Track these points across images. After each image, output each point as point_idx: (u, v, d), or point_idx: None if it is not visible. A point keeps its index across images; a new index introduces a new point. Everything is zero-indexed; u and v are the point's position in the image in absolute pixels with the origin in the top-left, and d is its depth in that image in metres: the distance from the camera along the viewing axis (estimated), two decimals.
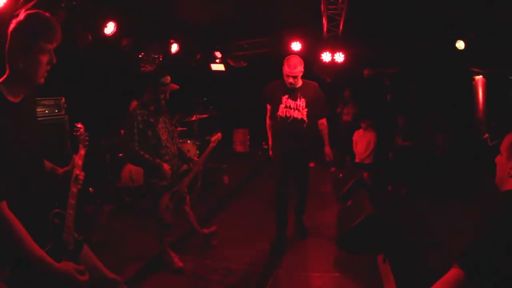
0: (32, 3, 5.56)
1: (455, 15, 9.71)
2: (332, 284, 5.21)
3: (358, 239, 5.74)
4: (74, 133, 3.23)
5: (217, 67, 12.66)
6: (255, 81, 12.62)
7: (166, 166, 5.04)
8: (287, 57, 6.12)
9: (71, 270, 2.42)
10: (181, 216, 5.71)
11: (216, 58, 12.33)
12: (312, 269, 5.59)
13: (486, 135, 11.16)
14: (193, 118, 9.38)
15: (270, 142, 6.69)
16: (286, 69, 6.01)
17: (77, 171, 2.96)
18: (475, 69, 12.68)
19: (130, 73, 9.42)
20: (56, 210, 2.68)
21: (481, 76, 12.91)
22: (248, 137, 13.85)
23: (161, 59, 9.93)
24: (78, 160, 3.05)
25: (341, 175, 9.28)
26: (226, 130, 12.77)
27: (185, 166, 5.48)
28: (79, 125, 3.27)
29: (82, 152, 3.15)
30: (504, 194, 2.36)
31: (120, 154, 7.88)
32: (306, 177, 6.80)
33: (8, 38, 2.47)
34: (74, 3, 6.34)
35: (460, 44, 10.57)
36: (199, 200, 7.88)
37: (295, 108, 6.16)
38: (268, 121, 6.61)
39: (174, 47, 10.35)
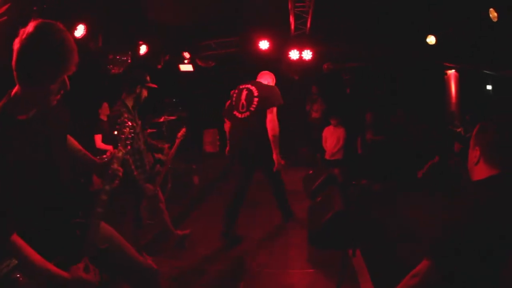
0: (4, 7, 5.49)
1: (425, 10, 9.83)
2: (306, 280, 5.24)
3: (329, 235, 5.77)
4: (116, 132, 2.99)
5: (186, 67, 12.58)
6: (224, 81, 12.66)
7: (148, 185, 5.12)
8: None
9: (81, 277, 2.30)
10: (156, 216, 5.72)
11: (185, 58, 12.29)
12: (285, 266, 5.61)
13: (460, 128, 11.34)
14: (162, 119, 9.33)
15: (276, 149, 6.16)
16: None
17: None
18: (447, 64, 12.86)
19: (102, 76, 9.35)
20: (78, 220, 2.53)
21: (453, 71, 13.11)
22: (218, 137, 13.77)
23: (129, 61, 9.86)
24: (114, 163, 2.76)
25: (311, 171, 9.34)
26: (196, 130, 12.75)
27: (158, 166, 5.47)
28: (127, 123, 3.03)
29: (120, 154, 2.85)
30: (472, 184, 2.46)
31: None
32: None
33: (15, 54, 2.13)
34: (45, 6, 6.32)
35: (431, 39, 10.72)
36: (170, 201, 7.85)
37: None
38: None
39: (143, 49, 10.32)
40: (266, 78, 6.81)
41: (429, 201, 7.98)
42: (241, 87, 6.60)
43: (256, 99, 6.26)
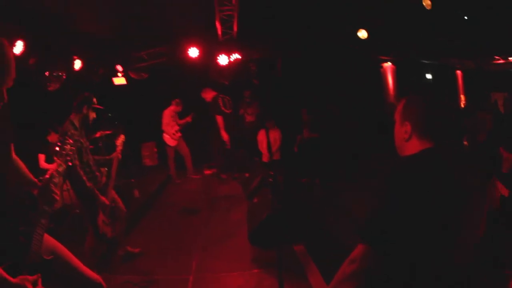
0: None
1: (354, 6, 9.93)
2: (253, 280, 5.35)
3: (269, 234, 5.82)
4: (57, 148, 3.05)
5: (119, 81, 12.31)
6: (158, 93, 12.57)
7: (102, 198, 5.16)
8: None
9: (26, 284, 2.33)
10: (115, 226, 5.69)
11: (118, 72, 12.08)
12: (231, 268, 5.70)
13: None
14: (98, 135, 9.20)
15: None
16: None
17: (52, 189, 2.82)
18: (382, 57, 13.02)
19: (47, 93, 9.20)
20: (22, 228, 2.58)
21: (389, 63, 13.30)
22: (156, 150, 13.70)
23: (64, 76, 9.71)
24: (56, 177, 2.88)
25: (247, 174, 9.43)
26: (134, 144, 12.60)
27: (104, 179, 5.50)
28: (69, 140, 3.10)
29: (60, 169, 2.95)
30: (403, 159, 2.40)
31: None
32: None
33: None
34: None
35: (363, 34, 10.80)
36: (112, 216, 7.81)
37: None
38: None
39: (78, 64, 10.12)
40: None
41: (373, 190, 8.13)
42: (221, 96, 11.24)
43: (231, 102, 11.30)
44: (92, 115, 5.41)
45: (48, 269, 2.62)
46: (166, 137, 11.20)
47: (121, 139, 6.07)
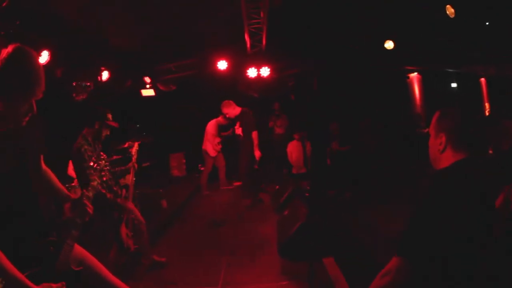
0: None
1: (380, 17, 9.91)
2: None
3: (298, 246, 5.77)
4: (92, 163, 3.13)
5: (147, 92, 12.39)
6: (187, 104, 12.62)
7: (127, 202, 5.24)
8: None
9: None
10: (137, 237, 5.68)
11: (146, 83, 12.16)
12: (259, 280, 5.60)
13: (427, 129, 11.38)
14: (126, 145, 9.26)
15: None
16: None
17: (85, 202, 2.92)
18: (408, 67, 12.95)
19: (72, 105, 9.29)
20: (52, 238, 2.63)
21: (416, 73, 13.20)
22: (184, 161, 13.77)
23: (92, 87, 9.80)
24: (89, 191, 3.00)
25: (277, 187, 9.37)
26: (162, 155, 12.66)
27: (124, 191, 5.49)
28: (103, 155, 3.19)
29: (95, 183, 3.09)
30: (437, 173, 2.39)
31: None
32: None
33: None
34: (11, 31, 6.35)
35: (389, 44, 10.75)
36: None
37: None
38: None
39: (105, 75, 10.20)
40: None
41: (402, 203, 8.05)
42: (249, 110, 9.77)
43: None
44: (105, 131, 5.34)
45: (77, 279, 2.66)
46: (208, 147, 11.16)
47: (135, 148, 6.08)
